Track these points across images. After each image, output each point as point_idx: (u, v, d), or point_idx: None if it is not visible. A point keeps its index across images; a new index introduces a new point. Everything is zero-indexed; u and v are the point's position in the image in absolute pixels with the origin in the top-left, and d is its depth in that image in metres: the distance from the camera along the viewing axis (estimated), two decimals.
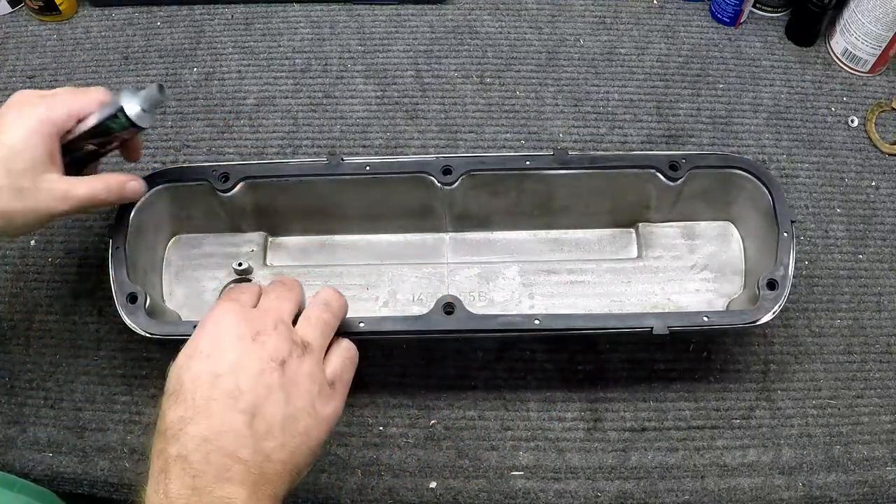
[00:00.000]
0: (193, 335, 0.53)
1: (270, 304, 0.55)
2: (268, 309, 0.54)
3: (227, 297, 0.55)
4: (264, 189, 0.73)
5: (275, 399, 0.50)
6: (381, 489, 0.70)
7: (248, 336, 0.51)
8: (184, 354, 0.51)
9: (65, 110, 0.60)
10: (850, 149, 0.87)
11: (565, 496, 0.70)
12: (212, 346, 0.51)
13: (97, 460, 0.72)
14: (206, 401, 0.49)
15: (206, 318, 0.53)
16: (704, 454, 0.72)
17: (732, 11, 0.93)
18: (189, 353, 0.51)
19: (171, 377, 0.51)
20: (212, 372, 0.50)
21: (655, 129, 0.87)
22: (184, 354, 0.51)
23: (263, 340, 0.51)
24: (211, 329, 0.52)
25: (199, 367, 0.50)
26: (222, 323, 0.52)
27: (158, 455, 0.48)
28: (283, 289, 0.57)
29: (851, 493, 0.71)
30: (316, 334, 0.55)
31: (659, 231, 0.79)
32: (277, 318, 0.53)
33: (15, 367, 0.76)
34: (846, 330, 0.77)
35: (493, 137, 0.87)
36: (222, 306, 0.54)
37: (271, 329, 0.52)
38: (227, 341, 0.51)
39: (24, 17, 0.96)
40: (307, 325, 0.55)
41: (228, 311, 0.53)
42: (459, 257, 0.78)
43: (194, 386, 0.49)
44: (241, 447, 0.48)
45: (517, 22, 0.95)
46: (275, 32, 0.94)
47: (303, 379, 0.52)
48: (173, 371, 0.51)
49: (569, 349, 0.76)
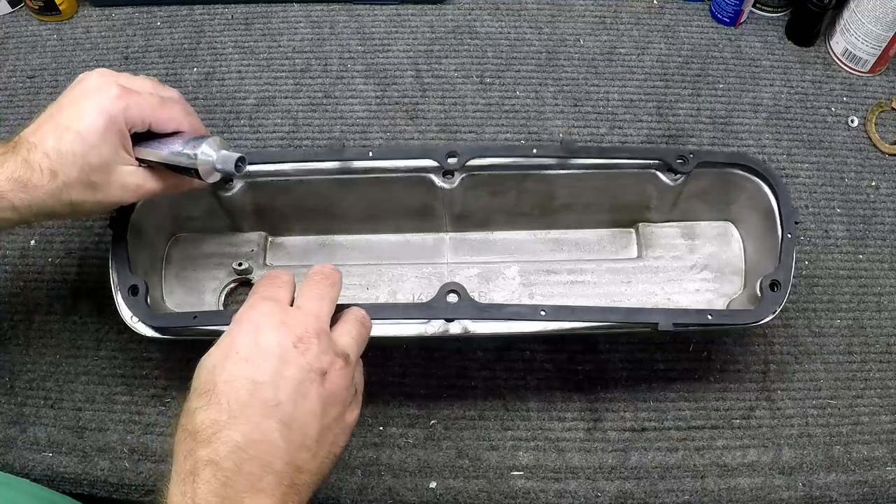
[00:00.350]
0: (228, 332, 0.51)
1: (311, 306, 0.53)
2: (308, 312, 0.52)
3: (263, 294, 0.53)
4: (264, 189, 0.73)
5: (312, 411, 0.49)
6: (381, 489, 0.70)
7: (290, 342, 0.50)
8: (218, 353, 0.50)
9: (142, 117, 0.59)
10: (850, 149, 0.87)
11: (565, 496, 0.70)
12: (250, 349, 0.49)
13: (97, 460, 0.72)
14: (242, 407, 0.47)
15: (243, 316, 0.51)
16: (704, 454, 0.72)
17: (732, 11, 0.93)
18: (224, 353, 0.49)
19: (201, 374, 0.49)
20: (250, 378, 0.48)
21: (655, 129, 0.87)
22: (218, 353, 0.50)
23: (305, 348, 0.50)
24: (249, 329, 0.50)
25: (236, 371, 0.48)
26: (262, 325, 0.50)
27: (187, 456, 0.46)
28: (324, 284, 0.55)
29: (851, 493, 0.71)
30: (355, 349, 0.54)
31: (659, 231, 0.79)
32: (318, 325, 0.51)
33: (15, 367, 0.76)
34: (846, 330, 0.77)
35: (493, 137, 0.87)
36: (261, 306, 0.51)
37: (313, 337, 0.50)
38: (266, 346, 0.49)
39: (24, 17, 0.96)
40: (349, 338, 0.54)
41: (267, 314, 0.51)
42: (459, 257, 0.78)
43: (230, 389, 0.47)
44: (274, 458, 0.47)
45: (517, 22, 0.95)
46: (275, 32, 0.94)
47: (340, 391, 0.51)
48: (204, 367, 0.49)
49: (569, 349, 0.76)
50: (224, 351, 0.49)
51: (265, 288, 0.54)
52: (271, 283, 0.55)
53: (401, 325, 0.66)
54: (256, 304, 0.52)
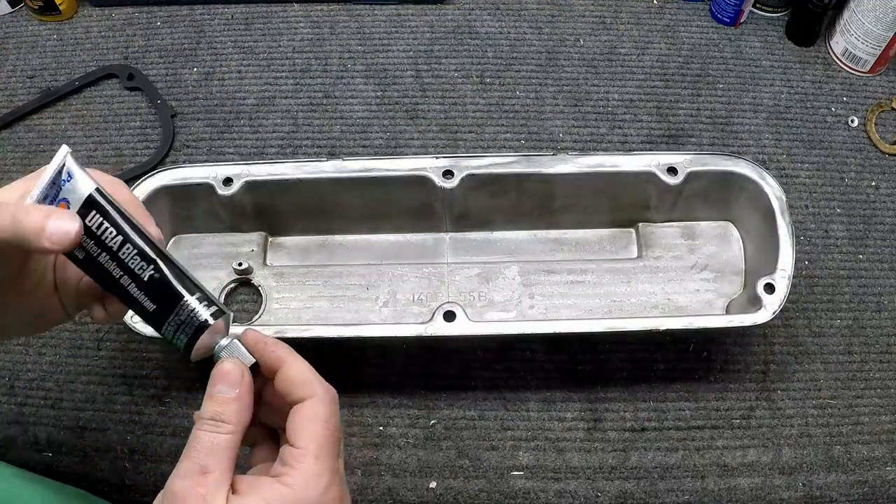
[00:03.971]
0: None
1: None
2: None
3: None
4: (264, 189, 0.73)
5: None
6: (381, 489, 0.70)
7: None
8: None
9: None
10: (850, 149, 0.87)
11: (565, 496, 0.70)
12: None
13: (97, 460, 0.72)
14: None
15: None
16: (704, 454, 0.72)
17: (732, 11, 0.93)
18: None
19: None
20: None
21: (655, 129, 0.87)
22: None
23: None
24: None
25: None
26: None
27: None
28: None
29: (851, 493, 0.71)
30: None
31: (659, 231, 0.79)
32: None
33: (15, 367, 0.76)
34: (846, 330, 0.77)
35: (493, 137, 0.87)
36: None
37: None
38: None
39: (24, 17, 0.96)
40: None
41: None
42: (459, 257, 0.78)
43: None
44: None
45: (517, 22, 0.95)
46: (275, 32, 0.94)
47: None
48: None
49: (569, 349, 0.76)
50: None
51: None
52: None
53: (401, 325, 0.66)
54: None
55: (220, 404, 0.42)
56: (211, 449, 0.41)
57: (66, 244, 0.40)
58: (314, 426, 0.42)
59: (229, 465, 0.41)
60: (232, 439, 0.42)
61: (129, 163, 0.86)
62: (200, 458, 0.41)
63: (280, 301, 0.76)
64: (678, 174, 0.72)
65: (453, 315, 0.66)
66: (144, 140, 0.87)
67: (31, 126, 0.89)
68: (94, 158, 0.86)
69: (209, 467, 0.40)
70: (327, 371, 0.46)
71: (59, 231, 0.40)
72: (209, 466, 0.40)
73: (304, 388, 0.43)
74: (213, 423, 0.42)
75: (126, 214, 0.43)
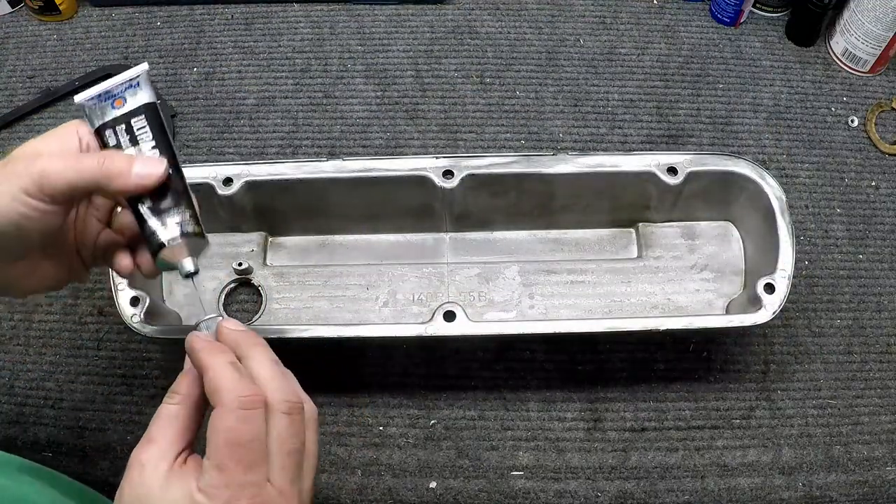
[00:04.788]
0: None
1: None
2: None
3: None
4: (264, 189, 0.73)
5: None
6: (381, 489, 0.70)
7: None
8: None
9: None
10: (850, 149, 0.87)
11: (565, 496, 0.70)
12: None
13: (97, 460, 0.72)
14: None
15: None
16: (704, 454, 0.72)
17: (732, 11, 0.93)
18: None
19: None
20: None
21: (655, 129, 0.87)
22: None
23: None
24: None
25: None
26: None
27: None
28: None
29: (851, 493, 0.71)
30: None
31: (659, 231, 0.79)
32: None
33: (15, 367, 0.76)
34: (846, 330, 0.77)
35: (493, 137, 0.87)
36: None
37: None
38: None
39: (24, 17, 0.96)
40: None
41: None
42: (459, 257, 0.78)
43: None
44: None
45: (517, 22, 0.95)
46: (275, 32, 0.94)
47: None
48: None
49: (569, 349, 0.76)
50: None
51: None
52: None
53: (401, 325, 0.66)
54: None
55: (177, 379, 0.45)
56: (158, 418, 0.44)
57: (146, 177, 0.46)
58: (214, 437, 0.41)
59: (176, 436, 0.43)
60: (178, 409, 0.44)
61: None
62: (151, 428, 0.43)
63: (280, 301, 0.76)
64: (678, 174, 0.72)
65: (453, 315, 0.66)
66: None
67: (31, 126, 0.89)
68: None
69: (154, 436, 0.43)
70: (327, 371, 0.46)
71: (151, 164, 0.47)
72: (154, 435, 0.43)
73: (213, 397, 0.43)
74: (169, 394, 0.45)
75: (168, 136, 0.50)
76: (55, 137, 0.47)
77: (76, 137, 0.48)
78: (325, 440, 0.72)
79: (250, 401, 0.42)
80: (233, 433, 0.41)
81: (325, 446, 0.72)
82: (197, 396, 0.45)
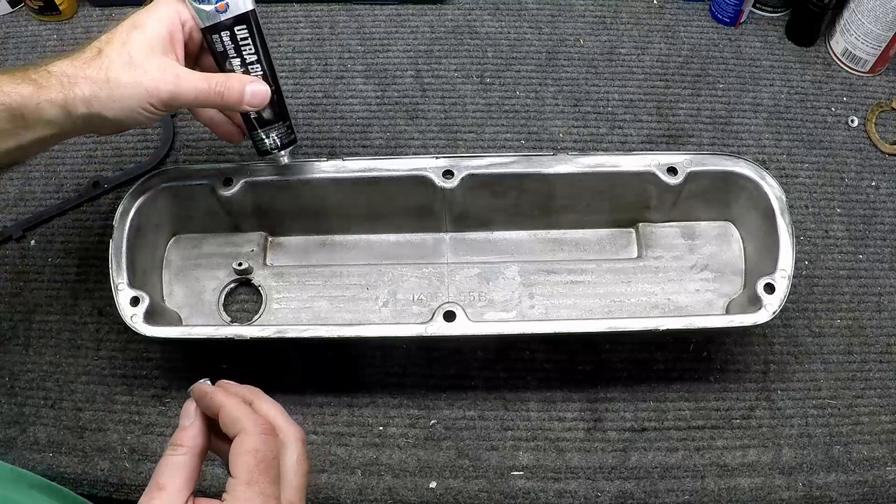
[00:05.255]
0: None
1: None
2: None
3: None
4: (264, 189, 0.73)
5: None
6: (381, 489, 0.70)
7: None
8: None
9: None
10: (850, 149, 0.87)
11: (565, 496, 0.70)
12: None
13: (97, 460, 0.72)
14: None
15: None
16: (704, 454, 0.72)
17: (732, 11, 0.93)
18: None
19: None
20: None
21: (655, 129, 0.87)
22: None
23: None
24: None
25: None
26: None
27: None
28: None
29: (851, 493, 0.71)
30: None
31: (659, 231, 0.79)
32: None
33: (15, 367, 0.76)
34: (846, 330, 0.77)
35: (493, 137, 0.87)
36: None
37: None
38: None
39: (24, 17, 0.96)
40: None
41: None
42: (459, 257, 0.78)
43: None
44: None
45: (517, 22, 0.95)
46: (275, 32, 0.94)
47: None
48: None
49: (569, 349, 0.76)
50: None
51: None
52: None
53: (401, 325, 0.66)
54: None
55: (179, 432, 0.49)
56: (167, 467, 0.48)
57: (257, 104, 0.62)
58: (243, 457, 0.47)
59: (183, 484, 0.47)
60: (185, 460, 0.48)
61: (130, 163, 0.86)
62: (158, 476, 0.47)
63: (280, 301, 0.76)
64: (678, 174, 0.72)
65: (453, 315, 0.66)
66: (144, 140, 0.87)
67: None
68: (95, 158, 0.86)
69: (164, 483, 0.47)
70: (327, 371, 0.46)
71: (259, 93, 0.62)
72: (164, 483, 0.47)
73: (234, 426, 0.48)
74: (173, 447, 0.49)
75: (267, 48, 0.61)
76: (160, 22, 0.59)
77: (180, 28, 0.59)
78: (325, 440, 0.72)
79: (268, 427, 0.49)
80: (260, 452, 0.47)
81: (325, 446, 0.72)
82: (201, 447, 0.49)
